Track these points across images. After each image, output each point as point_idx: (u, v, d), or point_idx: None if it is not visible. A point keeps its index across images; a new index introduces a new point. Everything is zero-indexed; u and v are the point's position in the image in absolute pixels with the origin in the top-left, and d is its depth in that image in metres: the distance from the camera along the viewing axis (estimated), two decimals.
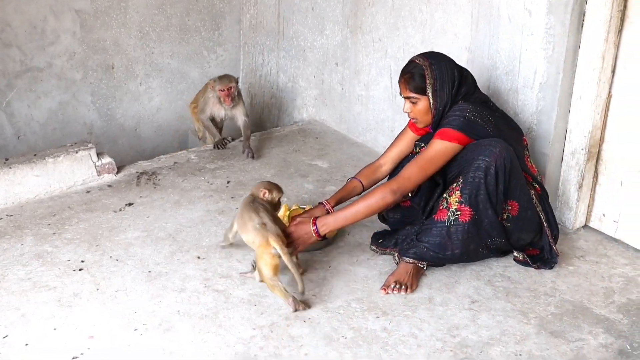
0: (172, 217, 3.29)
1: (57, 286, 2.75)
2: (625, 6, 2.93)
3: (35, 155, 3.53)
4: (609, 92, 3.08)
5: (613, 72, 3.04)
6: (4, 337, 2.46)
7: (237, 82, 4.14)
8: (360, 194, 3.07)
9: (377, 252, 3.03)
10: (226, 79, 4.10)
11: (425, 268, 2.86)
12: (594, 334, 2.56)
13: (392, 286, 2.76)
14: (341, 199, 3.04)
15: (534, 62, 3.11)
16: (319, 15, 4.40)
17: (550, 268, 2.91)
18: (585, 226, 3.31)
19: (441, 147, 2.76)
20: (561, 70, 3.07)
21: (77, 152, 3.56)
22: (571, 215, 3.24)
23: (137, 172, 3.78)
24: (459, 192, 2.73)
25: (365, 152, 4.15)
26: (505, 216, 2.79)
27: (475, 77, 3.37)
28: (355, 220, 2.79)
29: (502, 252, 2.97)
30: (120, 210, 3.37)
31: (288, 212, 3.17)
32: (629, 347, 2.49)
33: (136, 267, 2.89)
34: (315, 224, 2.76)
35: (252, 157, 4.00)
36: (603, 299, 2.77)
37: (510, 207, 2.78)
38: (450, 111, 2.80)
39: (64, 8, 4.39)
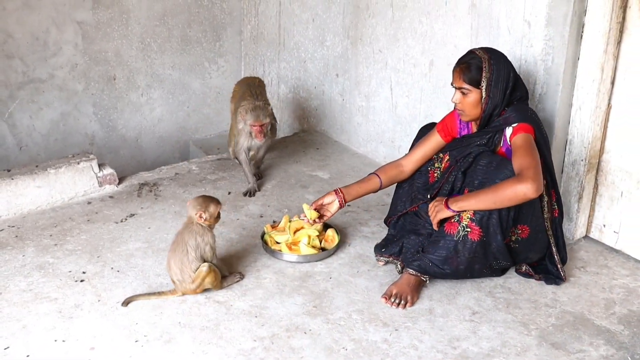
0: (174, 228, 3.29)
1: (58, 297, 2.75)
2: (624, 18, 2.95)
3: (37, 166, 3.54)
4: (609, 103, 3.09)
5: (612, 83, 3.06)
6: (5, 349, 2.46)
7: (271, 115, 3.69)
8: (377, 191, 3.07)
9: (380, 260, 3.03)
10: (258, 113, 3.59)
11: (427, 281, 2.85)
12: (595, 345, 2.56)
13: (393, 300, 2.75)
14: (356, 191, 3.02)
15: (533, 73, 3.12)
16: (319, 27, 4.42)
17: (557, 284, 2.91)
18: (586, 237, 3.31)
19: (528, 138, 2.70)
20: (560, 81, 3.08)
21: (78, 163, 3.57)
22: (571, 226, 3.24)
23: (138, 183, 3.79)
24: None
25: (366, 163, 4.15)
26: (514, 238, 2.79)
27: None
28: (483, 207, 2.66)
29: (503, 271, 2.96)
30: (122, 221, 3.38)
31: (289, 224, 3.18)
32: (630, 359, 2.49)
33: (137, 278, 2.90)
34: (447, 205, 2.71)
35: (260, 177, 3.88)
36: (604, 310, 2.77)
37: (520, 231, 2.78)
38: (511, 110, 2.77)
39: (66, 20, 4.41)
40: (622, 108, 3.06)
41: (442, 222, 2.77)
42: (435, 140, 3.02)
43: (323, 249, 3.10)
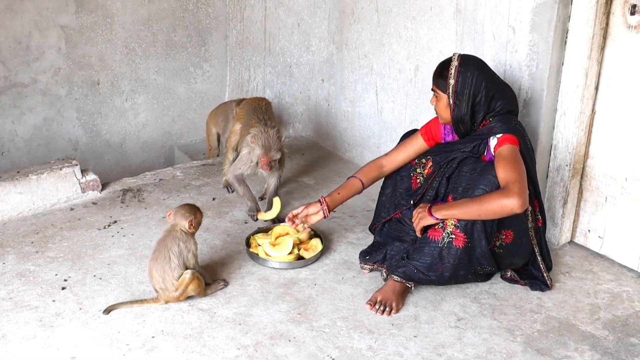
0: (157, 235, 3.23)
1: (39, 306, 2.71)
2: (607, 24, 2.96)
3: (18, 172, 3.50)
4: (593, 108, 3.10)
5: (596, 89, 3.06)
6: None
7: (284, 152, 3.44)
8: (360, 193, 3.05)
9: (364, 268, 3.01)
10: (270, 147, 3.31)
11: (412, 287, 2.84)
12: (579, 350, 2.56)
13: (378, 307, 2.73)
14: (340, 197, 3.00)
15: (518, 79, 3.13)
16: (305, 32, 4.41)
17: (542, 290, 2.90)
18: (571, 242, 3.32)
19: (513, 150, 2.68)
20: (545, 87, 3.09)
21: (61, 169, 3.53)
22: (556, 231, 3.25)
23: (122, 189, 3.76)
24: None
25: (352, 168, 4.13)
26: (498, 243, 2.78)
27: None
28: (467, 217, 2.65)
29: (488, 276, 2.96)
30: (105, 227, 3.34)
31: (273, 229, 3.18)
32: None
33: (120, 285, 2.86)
34: (430, 212, 2.69)
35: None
36: (589, 315, 2.77)
37: (504, 236, 2.77)
38: (496, 121, 2.76)
39: (49, 24, 4.37)
40: (606, 114, 3.07)
41: (426, 229, 2.76)
42: (418, 144, 3.01)
43: (301, 258, 3.08)
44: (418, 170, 3.01)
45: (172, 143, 5.13)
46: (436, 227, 2.72)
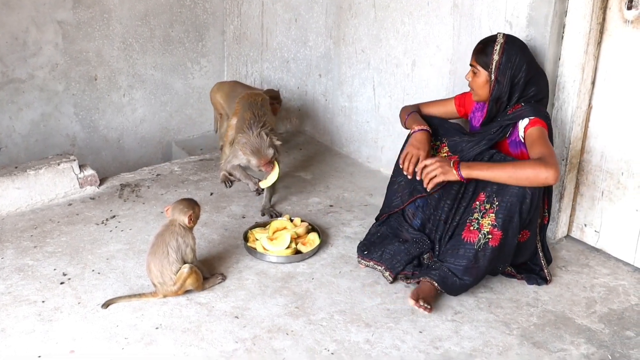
0: (155, 230, 3.22)
1: (37, 300, 2.72)
2: (604, 19, 2.97)
3: (16, 167, 3.50)
4: (589, 103, 3.11)
5: (593, 83, 3.07)
6: None
7: (276, 146, 3.37)
8: None
9: (362, 263, 3.01)
10: (260, 151, 3.29)
11: (440, 291, 2.77)
12: (575, 344, 2.57)
13: (422, 302, 2.64)
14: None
15: None
16: (302, 27, 4.41)
17: (538, 284, 2.92)
18: (567, 236, 3.33)
19: (544, 132, 2.70)
20: None
21: (59, 165, 3.53)
22: (553, 225, 3.26)
23: (119, 184, 3.76)
24: (493, 215, 2.67)
25: (349, 163, 4.15)
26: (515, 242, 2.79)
27: (457, 89, 3.41)
28: (496, 179, 2.63)
29: (495, 274, 2.95)
30: (103, 222, 3.35)
31: (269, 224, 3.20)
32: (610, 357, 2.51)
33: (118, 280, 2.87)
34: (457, 167, 2.65)
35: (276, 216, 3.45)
36: (585, 309, 2.78)
37: (521, 235, 2.78)
38: (527, 106, 2.77)
39: (46, 19, 4.37)
40: (602, 108, 3.08)
41: (438, 185, 2.73)
42: (449, 107, 3.09)
43: (298, 252, 3.09)
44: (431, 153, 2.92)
45: (170, 138, 5.12)
46: (469, 227, 2.71)
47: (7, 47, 4.28)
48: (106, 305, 2.68)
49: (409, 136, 2.91)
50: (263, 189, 3.51)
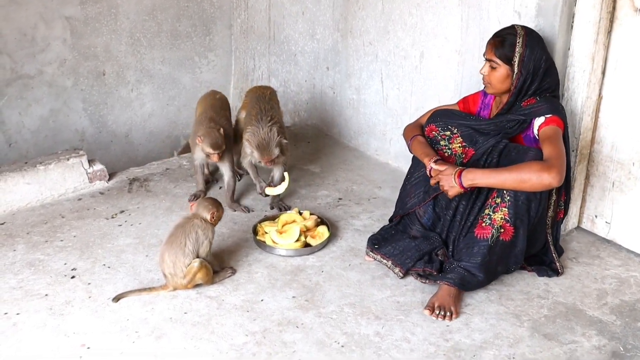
0: (164, 224, 3.27)
1: (49, 294, 2.73)
2: (614, 7, 2.94)
3: (26, 163, 3.51)
4: (600, 93, 3.08)
5: (603, 73, 3.05)
6: None
7: (283, 145, 3.35)
8: None
9: (369, 256, 3.00)
10: (264, 148, 3.26)
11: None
12: (587, 336, 2.56)
13: (437, 312, 2.63)
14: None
15: None
16: (309, 20, 4.40)
17: (549, 276, 2.90)
18: (578, 227, 3.32)
19: (558, 132, 2.70)
20: None
21: (68, 160, 3.54)
22: None
23: (128, 178, 3.77)
24: (505, 209, 2.66)
25: (357, 156, 4.14)
26: None
27: (465, 80, 3.39)
28: (501, 186, 2.63)
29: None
30: (112, 217, 3.36)
31: (278, 218, 3.20)
32: (622, 349, 2.50)
33: (128, 274, 2.88)
34: (460, 176, 2.64)
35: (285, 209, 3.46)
36: (596, 300, 2.77)
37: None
38: (543, 101, 2.75)
39: (54, 15, 4.37)
40: (613, 98, 3.05)
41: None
42: None
43: (307, 245, 3.09)
44: (442, 143, 2.89)
45: (178, 133, 5.13)
46: (482, 224, 2.70)
47: (16, 43, 4.29)
48: (117, 299, 2.69)
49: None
50: (268, 195, 3.44)
